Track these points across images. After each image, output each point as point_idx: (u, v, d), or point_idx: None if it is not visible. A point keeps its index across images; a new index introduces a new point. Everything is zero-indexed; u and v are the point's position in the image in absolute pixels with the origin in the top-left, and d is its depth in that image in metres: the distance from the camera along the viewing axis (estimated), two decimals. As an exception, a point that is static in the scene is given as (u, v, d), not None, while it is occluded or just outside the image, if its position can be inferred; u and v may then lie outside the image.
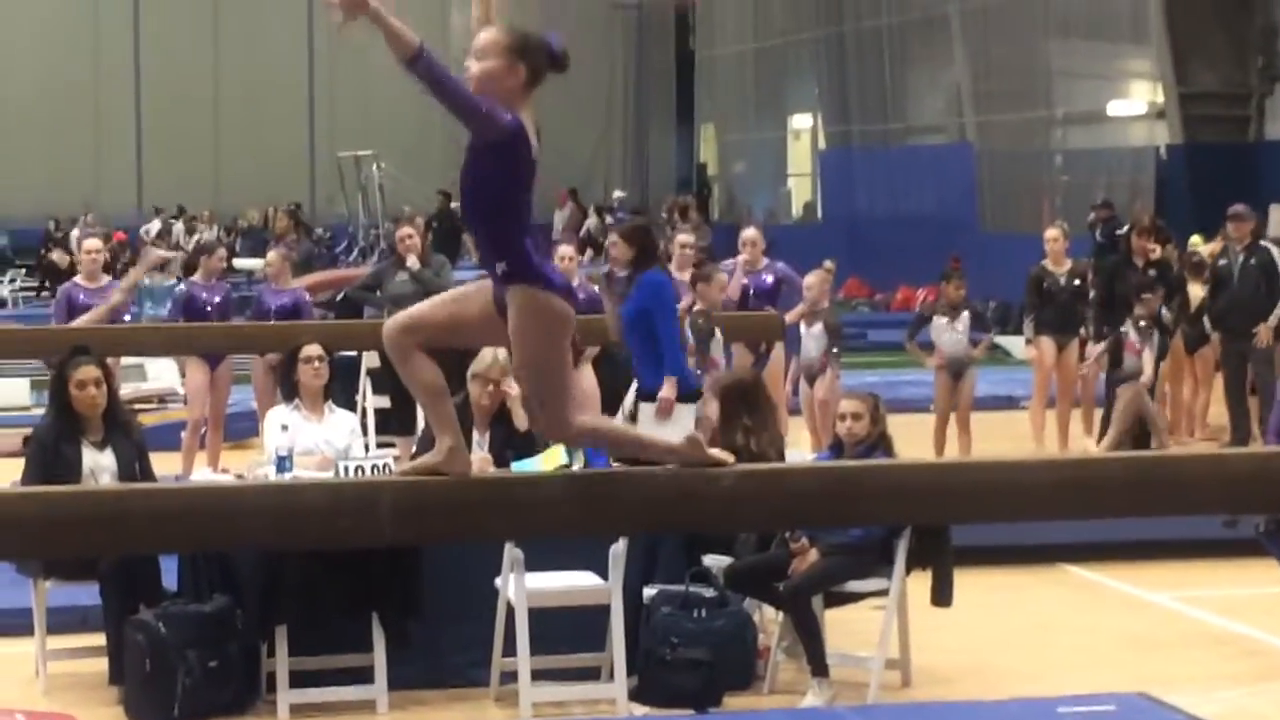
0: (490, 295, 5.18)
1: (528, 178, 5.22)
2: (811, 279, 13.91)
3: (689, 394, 10.84)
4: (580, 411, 5.38)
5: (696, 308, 12.42)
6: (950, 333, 14.36)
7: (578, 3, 41.55)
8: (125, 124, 39.98)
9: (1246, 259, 15.14)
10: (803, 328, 13.65)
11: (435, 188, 33.05)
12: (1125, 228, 19.90)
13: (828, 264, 14.78)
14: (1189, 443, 15.70)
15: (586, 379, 14.09)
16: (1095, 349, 14.77)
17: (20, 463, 9.67)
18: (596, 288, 14.51)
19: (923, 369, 14.93)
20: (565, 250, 14.62)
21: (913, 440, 13.55)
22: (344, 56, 38.24)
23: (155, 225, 33.96)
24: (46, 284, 28.49)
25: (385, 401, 14.11)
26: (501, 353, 9.91)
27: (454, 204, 31.81)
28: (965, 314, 14.45)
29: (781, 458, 9.13)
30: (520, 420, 9.44)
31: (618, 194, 39.20)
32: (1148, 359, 14.12)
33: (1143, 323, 14.20)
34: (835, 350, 13.55)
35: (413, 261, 14.15)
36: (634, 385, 15.16)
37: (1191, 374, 16.14)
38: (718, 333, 11.95)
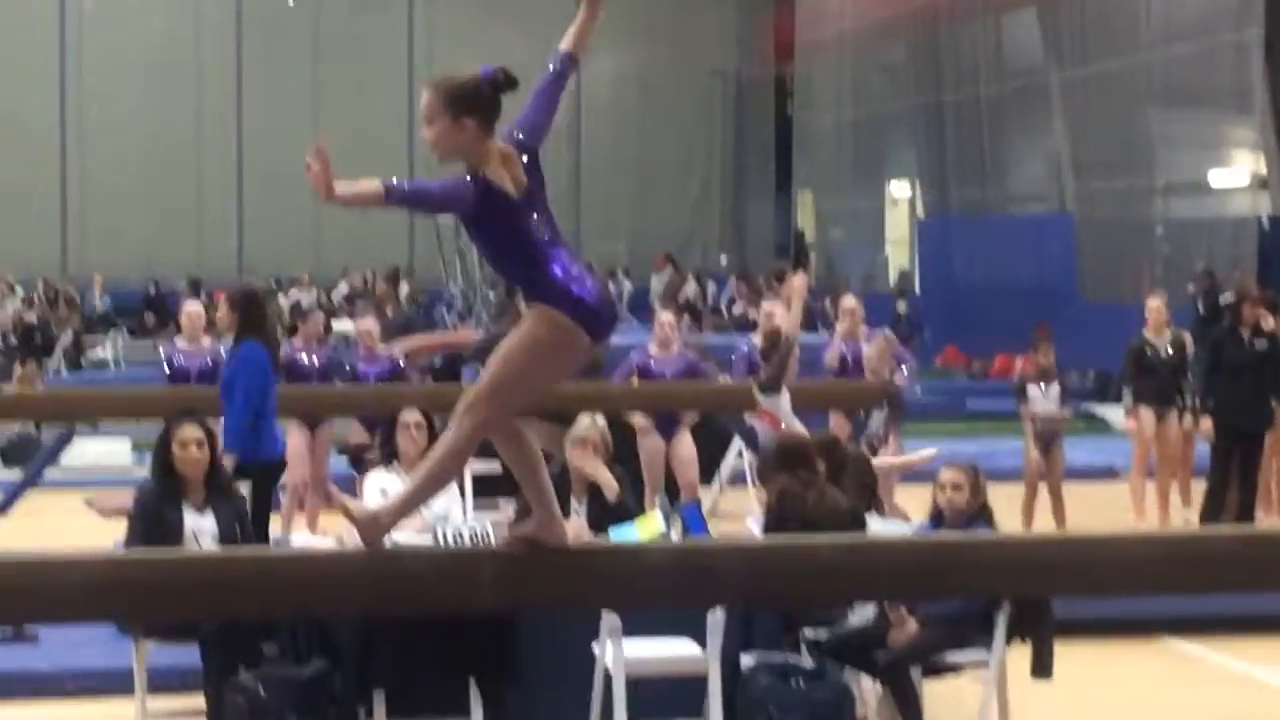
0: None
1: (516, 219, 5.21)
2: (871, 350, 13.85)
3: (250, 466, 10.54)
4: (533, 435, 5.35)
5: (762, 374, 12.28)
6: (1041, 401, 14.38)
7: (677, 70, 41.80)
8: (227, 189, 40.38)
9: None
10: None
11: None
12: (1227, 297, 19.79)
13: (887, 332, 14.76)
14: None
15: (685, 445, 14.11)
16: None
17: (123, 524, 9.75)
18: (694, 355, 14.51)
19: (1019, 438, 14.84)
20: (665, 317, 14.63)
21: (1012, 509, 13.52)
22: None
23: (344, 287, 34.15)
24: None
25: (484, 466, 14.11)
26: (601, 419, 9.93)
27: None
28: (1055, 385, 14.46)
29: (837, 512, 8.95)
30: (610, 493, 9.44)
31: (723, 258, 39.27)
32: None
33: None
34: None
35: None
36: (732, 450, 15.23)
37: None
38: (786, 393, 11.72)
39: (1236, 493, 14.47)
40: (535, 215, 5.22)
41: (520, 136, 5.26)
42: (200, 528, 8.89)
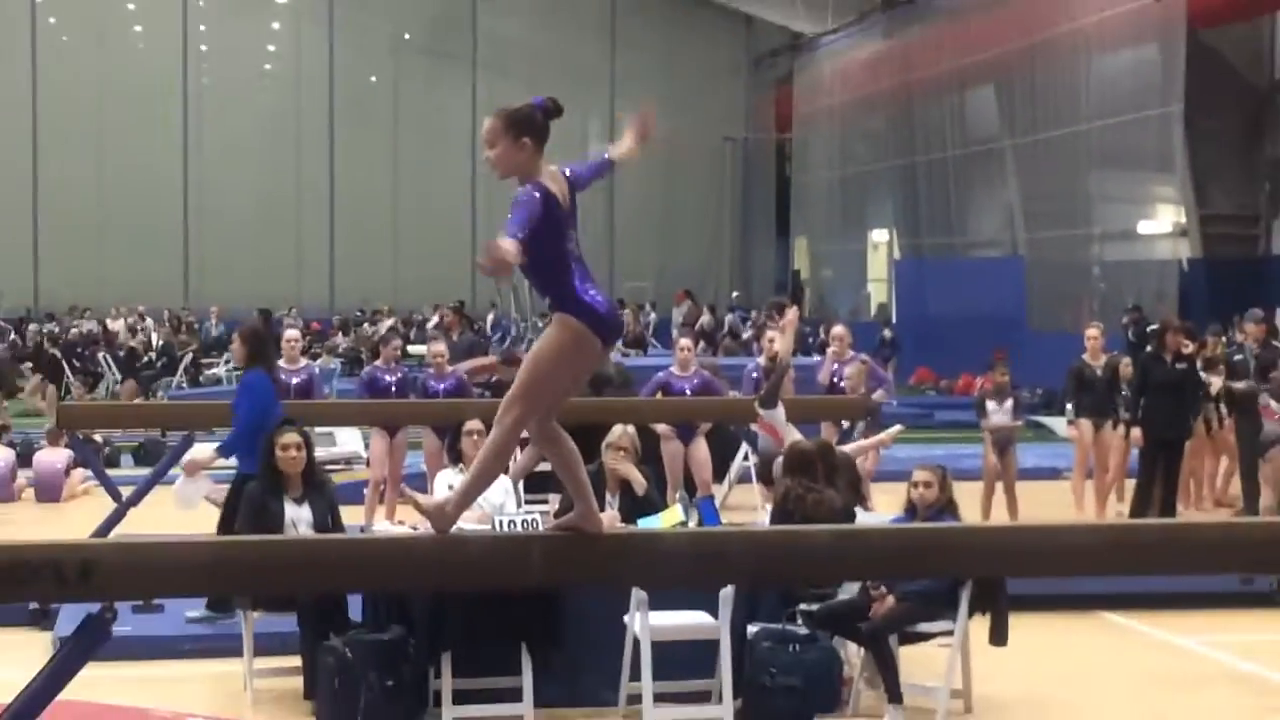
0: None
1: (563, 229, 5.12)
2: (850, 370, 13.91)
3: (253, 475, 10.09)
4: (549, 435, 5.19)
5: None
6: (998, 413, 14.35)
7: (693, 138, 41.89)
8: (321, 234, 40.48)
9: (1259, 355, 14.92)
10: None
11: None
12: (1153, 327, 19.74)
13: (864, 357, 14.76)
14: (1212, 512, 15.46)
15: (701, 449, 14.09)
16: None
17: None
18: (709, 374, 14.49)
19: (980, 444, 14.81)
20: (684, 342, 14.64)
21: (973, 504, 13.49)
22: (499, 183, 38.71)
23: (435, 319, 33.94)
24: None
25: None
26: (630, 428, 9.92)
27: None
28: (1010, 400, 14.42)
29: (832, 511, 8.94)
30: (639, 488, 9.43)
31: (735, 294, 39.26)
32: None
33: None
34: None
35: None
36: (740, 453, 15.20)
37: (1213, 452, 15.90)
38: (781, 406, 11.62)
39: (1160, 490, 14.40)
40: (572, 233, 5.16)
41: (567, 174, 5.24)
42: (298, 517, 8.91)
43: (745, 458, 15.06)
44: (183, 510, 10.71)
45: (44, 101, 38.75)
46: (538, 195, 5.07)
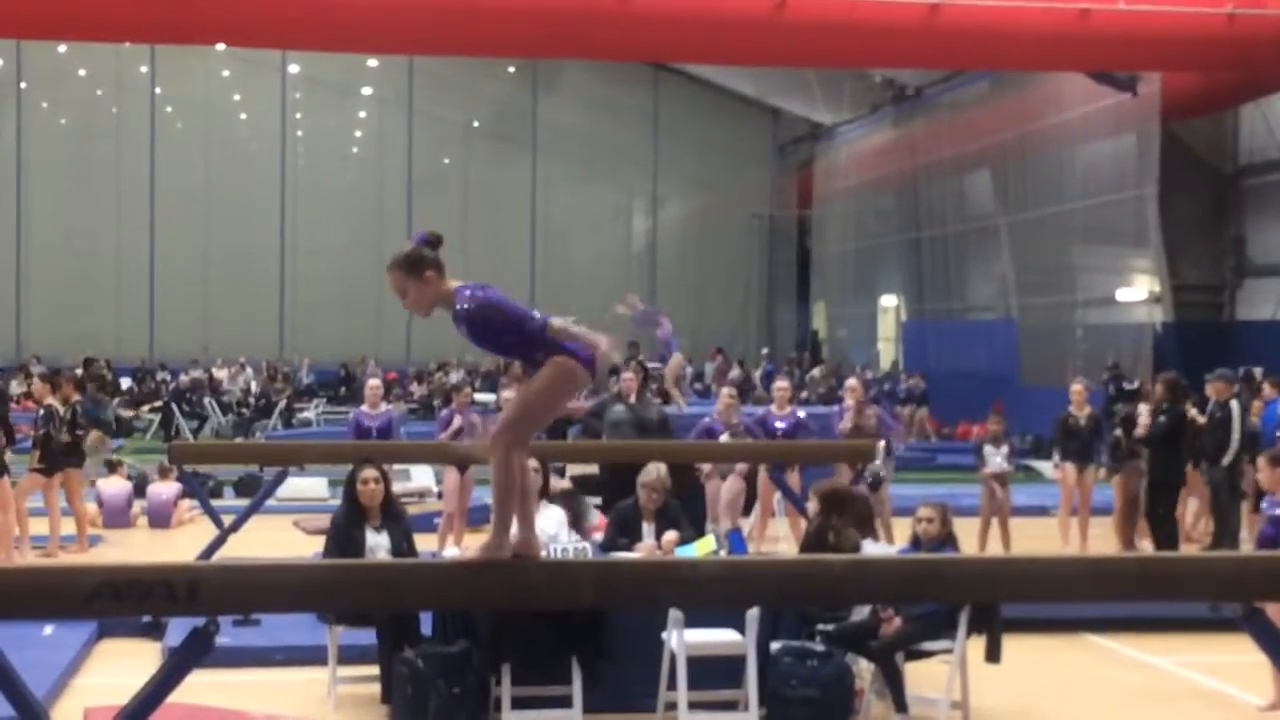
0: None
1: (504, 314, 4.97)
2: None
3: None
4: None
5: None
6: (994, 457, 14.30)
7: (725, 214, 42.07)
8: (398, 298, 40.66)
9: (1214, 411, 14.82)
10: None
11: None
12: (1132, 386, 19.63)
13: (876, 408, 14.67)
14: (1184, 546, 15.30)
15: (731, 486, 13.97)
16: None
17: (321, 540, 9.80)
18: (750, 421, 14.39)
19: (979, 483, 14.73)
20: (727, 391, 14.63)
21: (971, 537, 13.41)
22: (555, 246, 38.83)
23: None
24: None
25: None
26: (663, 467, 9.87)
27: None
28: (1005, 446, 14.40)
29: (854, 549, 8.96)
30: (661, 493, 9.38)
31: (764, 350, 39.26)
32: None
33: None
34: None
35: (632, 398, 14.23)
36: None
37: (1184, 493, 15.73)
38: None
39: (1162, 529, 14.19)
40: (514, 316, 4.98)
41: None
42: (377, 543, 8.92)
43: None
44: None
45: (161, 179, 39.07)
46: (482, 294, 4.96)
